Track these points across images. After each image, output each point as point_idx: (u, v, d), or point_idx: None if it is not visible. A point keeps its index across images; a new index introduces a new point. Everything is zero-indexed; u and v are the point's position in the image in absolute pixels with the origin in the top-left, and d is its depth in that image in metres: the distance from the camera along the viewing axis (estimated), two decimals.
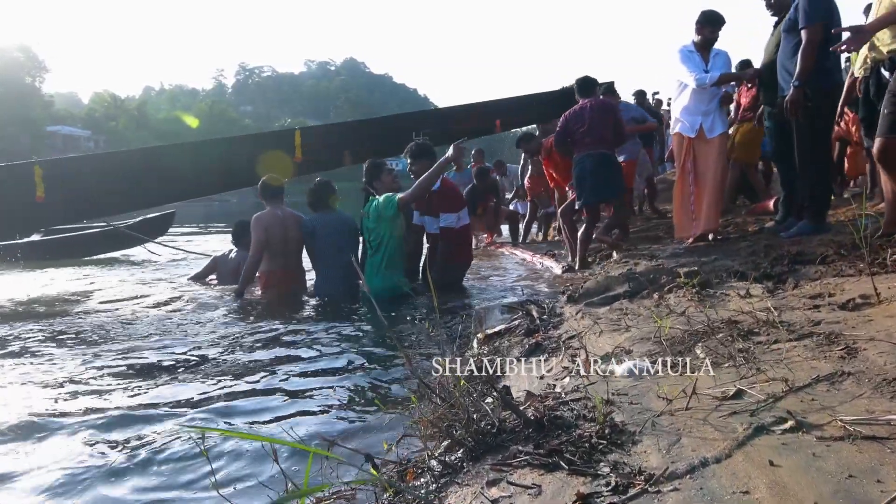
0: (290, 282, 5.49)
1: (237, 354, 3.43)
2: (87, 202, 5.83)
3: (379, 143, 6.70)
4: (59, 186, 5.73)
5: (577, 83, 5.82)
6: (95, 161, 6.22)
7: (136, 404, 2.62)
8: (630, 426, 1.64)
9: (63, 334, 4.06)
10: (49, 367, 3.24)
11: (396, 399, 2.65)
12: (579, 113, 5.61)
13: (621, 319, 2.78)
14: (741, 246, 4.69)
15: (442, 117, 7.34)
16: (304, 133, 6.09)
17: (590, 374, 2.19)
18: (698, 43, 5.08)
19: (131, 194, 5.86)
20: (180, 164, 6.02)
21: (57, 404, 2.65)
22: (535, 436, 1.79)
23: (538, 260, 6.92)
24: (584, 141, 5.51)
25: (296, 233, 5.47)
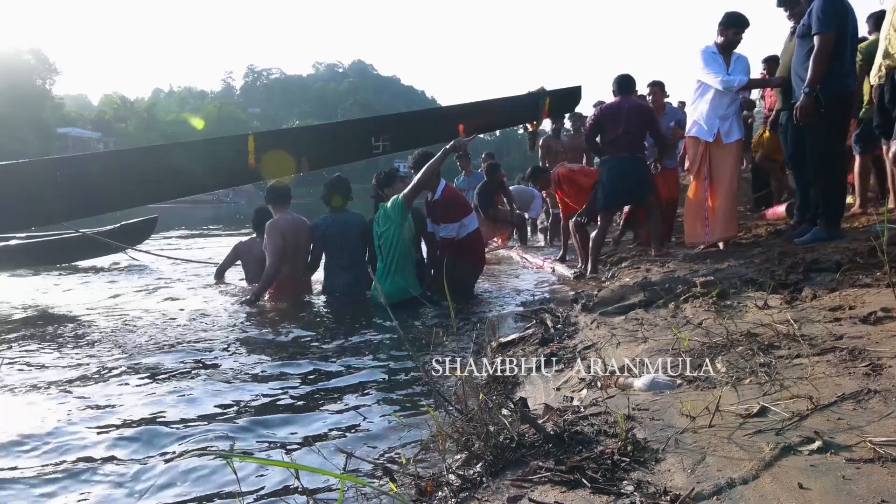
0: (298, 287, 5.51)
1: (251, 365, 3.42)
2: (29, 209, 5.62)
3: (337, 148, 6.62)
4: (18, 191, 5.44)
5: (616, 80, 5.69)
6: (39, 167, 6.02)
7: (152, 417, 2.60)
8: (653, 443, 1.62)
9: (71, 343, 4.04)
10: (64, 377, 3.22)
11: (414, 409, 2.64)
12: (616, 112, 5.49)
13: (637, 330, 2.76)
14: (754, 252, 4.66)
15: (402, 122, 7.21)
16: (258, 138, 6.01)
17: (608, 387, 2.17)
18: (720, 45, 5.01)
19: (76, 201, 5.70)
20: (127, 170, 5.73)
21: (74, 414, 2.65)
22: (556, 451, 1.78)
23: (549, 265, 6.89)
24: (619, 143, 5.41)
25: (305, 239, 5.50)
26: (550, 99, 7.23)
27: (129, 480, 2.04)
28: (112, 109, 75.28)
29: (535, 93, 7.23)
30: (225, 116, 74.27)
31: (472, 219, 5.54)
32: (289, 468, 1.83)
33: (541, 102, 7.08)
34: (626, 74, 5.70)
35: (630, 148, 5.41)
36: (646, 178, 5.59)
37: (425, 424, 2.38)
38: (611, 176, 5.48)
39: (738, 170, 5.18)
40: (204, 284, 6.55)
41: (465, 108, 8.17)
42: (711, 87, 4.98)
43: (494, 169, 8.79)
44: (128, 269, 8.35)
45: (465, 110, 7.95)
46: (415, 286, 4.99)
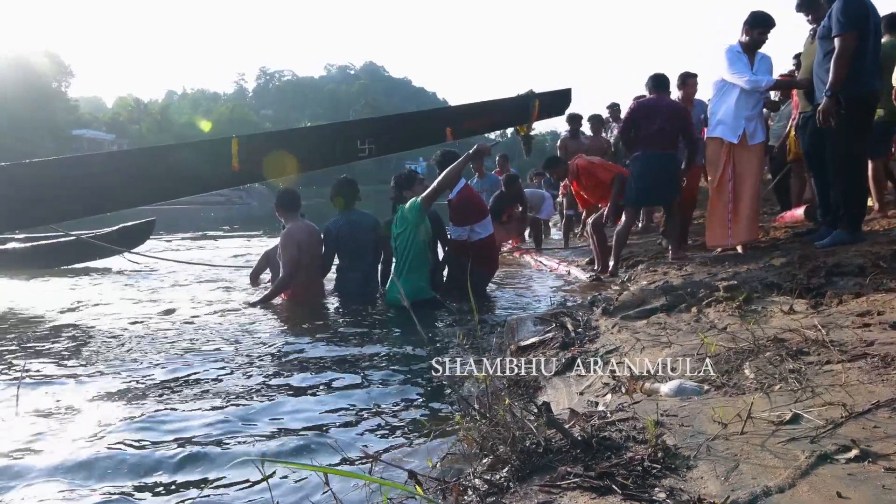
0: (310, 292, 5.50)
1: (269, 370, 3.41)
2: (12, 212, 5.49)
3: (322, 152, 6.59)
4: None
5: (651, 79, 5.65)
6: (21, 170, 5.96)
7: (179, 423, 2.60)
8: (683, 450, 1.61)
9: (91, 348, 4.04)
10: (89, 385, 3.22)
11: (432, 412, 2.64)
12: (652, 109, 5.45)
13: (660, 334, 2.74)
14: (773, 255, 4.62)
15: (387, 125, 7.17)
16: (242, 142, 5.98)
17: (633, 392, 2.16)
18: (745, 44, 4.95)
19: (54, 205, 5.68)
20: (108, 173, 5.69)
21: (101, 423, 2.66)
22: (584, 457, 1.77)
23: (564, 268, 6.87)
24: (653, 140, 5.37)
25: (318, 246, 5.50)
26: (540, 101, 7.19)
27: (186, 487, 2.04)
28: (126, 111, 75.85)
29: (523, 95, 7.18)
30: (237, 118, 74.61)
31: (484, 225, 5.52)
32: (314, 470, 1.82)
33: (530, 105, 7.05)
34: (661, 73, 5.67)
35: (664, 145, 5.37)
36: (676, 179, 5.55)
37: (452, 428, 2.38)
38: (643, 172, 5.43)
39: (762, 172, 5.14)
40: (215, 287, 6.55)
41: (453, 111, 8.08)
42: (736, 87, 4.91)
43: (513, 180, 8.74)
44: (139, 272, 8.26)
45: (452, 113, 7.86)
46: (427, 288, 4.99)
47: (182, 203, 40.73)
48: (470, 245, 5.36)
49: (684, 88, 6.36)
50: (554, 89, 7.76)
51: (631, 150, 5.66)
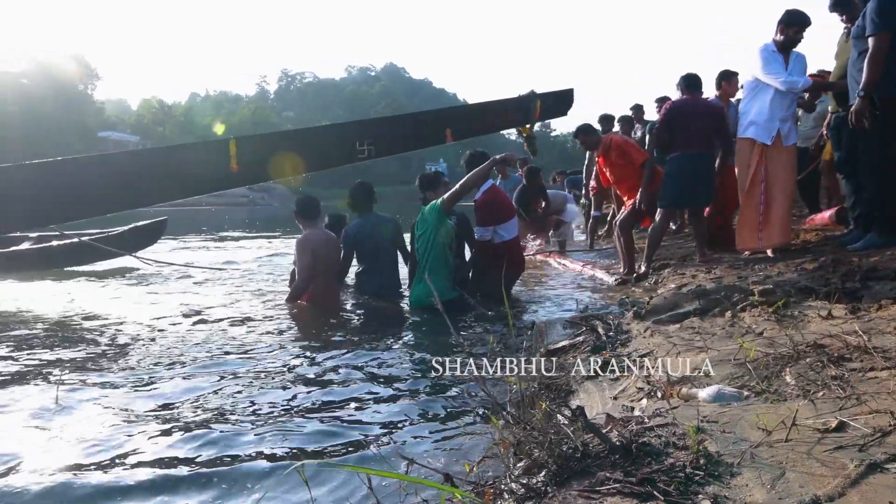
0: (327, 299, 5.48)
1: (296, 373, 3.42)
2: (9, 213, 5.49)
3: (320, 153, 6.49)
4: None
5: (683, 79, 5.60)
6: (20, 171, 5.96)
7: (216, 425, 2.62)
8: (726, 457, 1.59)
9: (121, 353, 4.05)
10: (118, 391, 3.23)
11: (469, 416, 2.64)
12: (688, 109, 5.40)
13: (694, 339, 2.72)
14: (805, 259, 4.56)
15: (386, 127, 7.12)
16: (240, 143, 5.97)
17: (670, 397, 2.15)
18: (780, 43, 4.88)
19: (52, 207, 5.68)
20: (110, 175, 5.68)
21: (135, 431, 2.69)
22: (623, 462, 1.76)
23: (589, 271, 6.83)
24: (690, 140, 5.30)
25: (335, 254, 5.50)
26: (542, 102, 7.12)
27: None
28: (150, 113, 76.91)
29: (525, 96, 7.12)
30: (260, 120, 75.24)
31: (508, 228, 5.48)
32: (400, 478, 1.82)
33: (532, 106, 6.98)
34: (692, 73, 5.61)
35: (701, 146, 5.31)
36: (713, 180, 5.48)
37: (483, 431, 2.38)
38: (680, 172, 5.36)
39: (795, 174, 5.06)
40: (234, 291, 6.58)
41: (453, 112, 8.02)
42: (770, 87, 4.85)
43: (534, 173, 8.74)
44: (156, 275, 8.26)
45: (452, 114, 7.78)
46: (447, 290, 4.98)
47: (205, 204, 41.23)
48: (494, 247, 5.35)
49: (724, 87, 6.24)
50: (556, 90, 7.71)
51: (667, 152, 5.58)
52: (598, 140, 6.31)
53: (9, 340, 4.38)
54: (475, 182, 5.17)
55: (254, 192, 55.08)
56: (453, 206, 5.21)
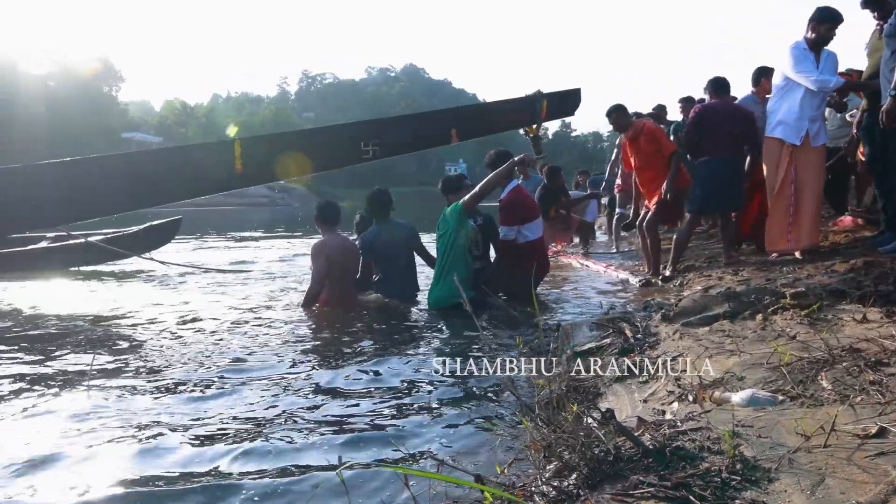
0: (344, 306, 5.44)
1: (323, 377, 3.40)
2: (19, 213, 5.58)
3: (325, 154, 6.47)
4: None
5: (711, 82, 5.56)
6: (29, 172, 5.99)
7: (247, 431, 2.62)
8: (763, 462, 1.58)
9: (140, 354, 4.07)
10: (153, 392, 3.25)
11: (497, 418, 2.63)
12: (717, 113, 5.34)
13: (724, 342, 2.69)
14: (835, 261, 4.50)
15: (391, 127, 7.07)
16: (245, 144, 5.95)
17: (702, 401, 2.13)
18: (811, 41, 4.80)
19: (62, 206, 5.62)
20: (113, 175, 5.74)
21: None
22: (657, 466, 1.75)
23: (612, 272, 6.79)
24: (720, 144, 5.25)
25: (352, 260, 5.48)
26: (548, 101, 7.04)
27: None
28: (173, 115, 77.84)
29: (531, 96, 7.05)
30: (281, 121, 75.70)
31: (532, 228, 5.46)
32: (435, 478, 1.83)
33: (538, 106, 6.91)
34: (720, 77, 5.57)
35: (731, 150, 5.25)
36: (741, 185, 5.41)
37: (513, 433, 2.38)
38: (709, 177, 5.30)
39: (824, 175, 4.99)
40: (251, 292, 6.55)
41: (458, 112, 7.95)
42: (800, 86, 4.78)
43: (555, 173, 8.71)
44: (174, 276, 8.24)
45: (457, 114, 7.73)
46: (466, 291, 4.96)
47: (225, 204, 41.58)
48: (518, 246, 5.33)
49: (763, 84, 6.04)
50: (562, 90, 7.63)
51: (696, 156, 5.52)
52: (630, 123, 6.12)
53: (35, 341, 4.43)
54: (496, 183, 5.17)
55: (274, 193, 55.47)
56: (474, 207, 5.21)
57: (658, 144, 5.76)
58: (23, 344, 4.33)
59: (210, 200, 42.83)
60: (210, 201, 43.03)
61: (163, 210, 8.96)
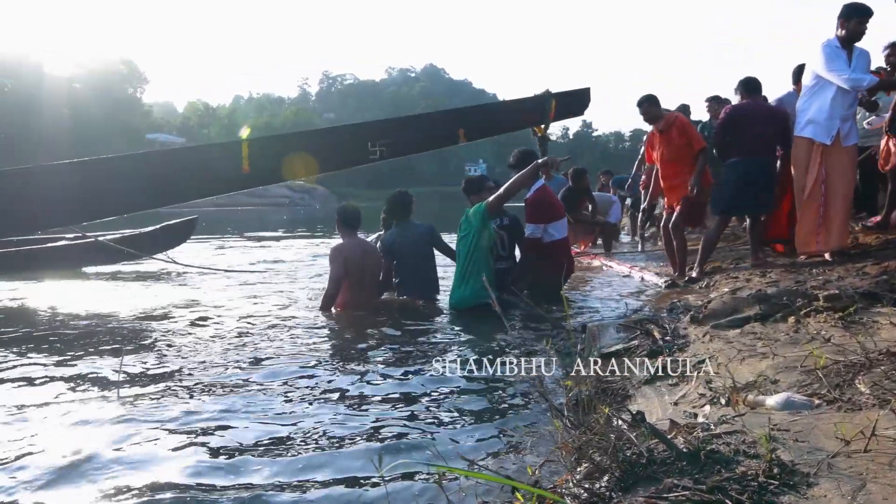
0: (366, 308, 5.39)
1: (351, 379, 3.39)
2: (30, 214, 5.57)
3: (332, 155, 6.42)
4: (5, 197, 5.50)
5: (743, 83, 5.44)
6: (41, 172, 6.04)
7: (279, 432, 2.62)
8: (801, 466, 1.56)
9: (167, 355, 4.09)
10: (183, 393, 3.27)
11: (524, 420, 2.63)
12: (749, 113, 5.25)
13: (756, 344, 2.66)
14: (866, 263, 4.43)
15: (400, 127, 7.03)
16: (252, 145, 5.93)
17: (736, 404, 2.11)
18: (842, 38, 4.70)
19: (72, 206, 5.60)
20: (122, 176, 5.73)
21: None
22: (691, 470, 1.73)
23: (637, 273, 6.74)
24: (751, 145, 5.17)
25: (372, 263, 5.46)
26: (557, 101, 6.96)
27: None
28: (196, 116, 78.78)
29: (540, 95, 6.97)
30: (302, 122, 76.21)
31: (559, 227, 5.45)
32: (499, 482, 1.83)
33: (546, 105, 6.84)
34: (752, 77, 5.45)
35: (762, 151, 5.17)
36: (772, 187, 5.32)
37: (543, 434, 2.38)
38: (739, 178, 5.21)
39: (855, 175, 4.91)
40: (272, 292, 6.58)
41: (466, 113, 7.89)
42: (831, 85, 4.69)
43: (581, 175, 8.65)
44: (195, 275, 8.31)
45: (465, 114, 7.66)
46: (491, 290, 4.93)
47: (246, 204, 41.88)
48: (544, 246, 5.31)
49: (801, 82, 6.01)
50: (571, 89, 7.55)
51: (725, 157, 5.42)
52: (661, 115, 5.93)
53: (59, 342, 4.47)
54: (520, 185, 5.15)
55: (294, 193, 55.83)
56: (498, 208, 5.20)
57: (688, 138, 5.65)
58: (46, 345, 4.36)
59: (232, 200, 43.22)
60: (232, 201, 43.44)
61: (177, 210, 9.02)
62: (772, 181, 5.29)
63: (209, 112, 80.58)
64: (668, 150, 5.76)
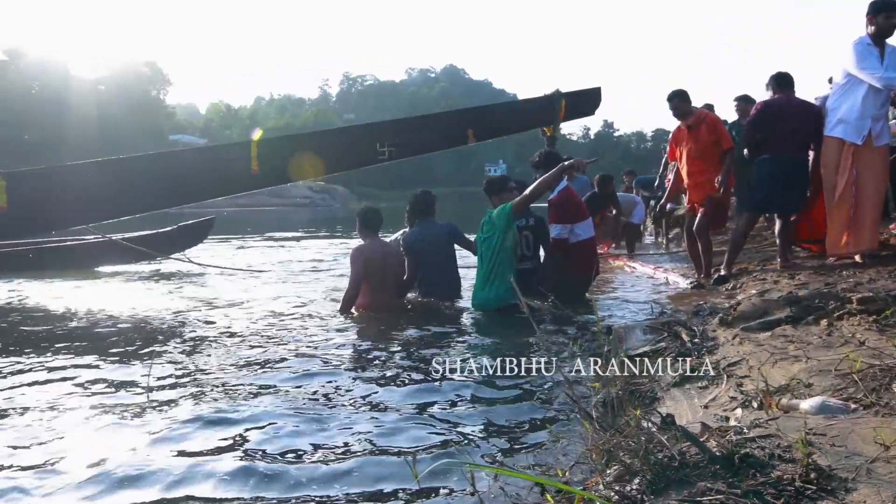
0: (387, 309, 5.39)
1: (377, 379, 3.39)
2: (48, 214, 5.65)
3: (341, 155, 6.43)
4: (22, 198, 5.62)
5: (775, 77, 5.32)
6: (59, 173, 6.00)
7: (313, 433, 2.63)
8: (839, 471, 1.54)
9: (197, 354, 4.13)
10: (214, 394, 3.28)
11: (553, 421, 2.62)
12: (781, 109, 5.13)
13: (787, 347, 2.63)
14: None
15: (408, 128, 6.99)
16: (261, 145, 5.90)
17: (769, 408, 2.08)
18: (873, 34, 4.60)
19: (89, 207, 5.72)
20: (136, 176, 5.79)
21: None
22: (724, 474, 1.72)
23: (661, 274, 6.69)
24: (783, 142, 5.05)
25: (395, 264, 5.44)
26: (567, 101, 6.88)
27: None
28: (218, 117, 79.75)
29: (549, 95, 6.89)
30: (322, 122, 76.66)
31: (585, 227, 5.42)
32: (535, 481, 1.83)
33: (556, 105, 6.77)
34: (784, 72, 5.30)
35: (795, 148, 5.06)
36: (804, 186, 5.21)
37: (571, 435, 2.37)
38: (769, 176, 5.11)
39: (887, 176, 4.81)
40: (288, 296, 6.54)
41: (474, 113, 7.85)
42: (862, 84, 4.61)
43: (607, 181, 8.58)
44: (213, 274, 8.35)
45: (473, 115, 7.62)
46: (513, 294, 4.92)
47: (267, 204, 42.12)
48: (570, 246, 5.28)
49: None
50: (582, 89, 7.47)
51: (756, 154, 5.31)
52: (691, 111, 5.81)
53: (82, 341, 4.50)
54: (546, 187, 5.12)
55: (315, 194, 56.20)
56: (524, 210, 5.18)
57: (717, 136, 5.56)
58: (70, 344, 4.37)
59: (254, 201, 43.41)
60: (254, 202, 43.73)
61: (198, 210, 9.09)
62: (803, 180, 5.18)
63: (231, 113, 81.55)
64: (695, 147, 5.67)
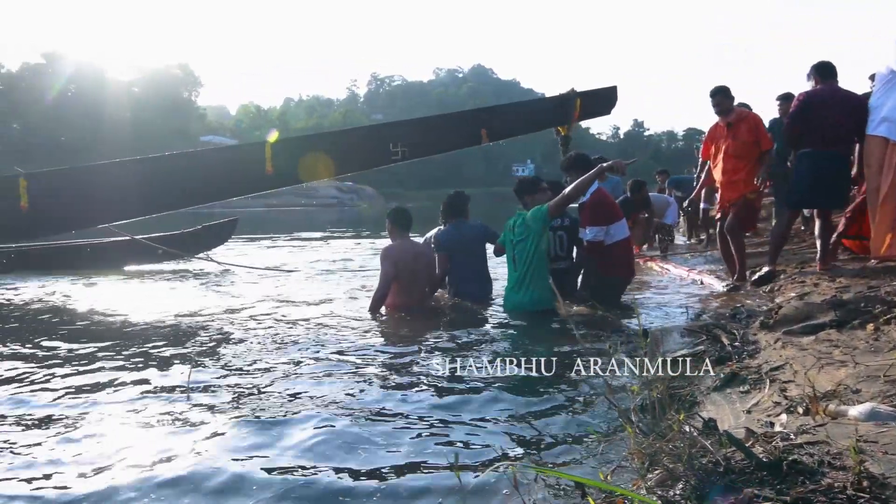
0: (418, 310, 5.36)
1: (414, 383, 3.37)
2: (69, 214, 5.75)
3: (354, 156, 6.43)
4: (43, 198, 5.74)
5: (816, 67, 5.12)
6: (78, 174, 6.17)
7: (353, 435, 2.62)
8: (893, 480, 1.51)
9: (234, 352, 4.16)
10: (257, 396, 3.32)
11: (591, 425, 2.61)
12: (825, 100, 4.92)
13: (832, 352, 2.58)
14: None
15: (421, 128, 6.93)
16: (275, 146, 5.92)
17: (816, 413, 2.05)
18: None
19: (108, 207, 5.81)
20: (153, 177, 5.85)
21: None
22: (772, 480, 1.69)
23: (695, 276, 6.60)
24: (826, 135, 4.86)
25: (425, 265, 5.41)
26: (582, 100, 6.79)
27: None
28: (248, 118, 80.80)
29: (565, 95, 6.80)
30: (350, 123, 77.20)
31: (619, 228, 5.35)
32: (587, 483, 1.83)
33: (571, 104, 6.70)
34: (826, 61, 5.09)
35: (839, 144, 4.89)
36: (846, 183, 5.06)
37: (612, 438, 2.36)
38: (809, 171, 4.96)
39: None
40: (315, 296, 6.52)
41: (488, 112, 7.76)
42: None
43: (640, 187, 8.47)
44: (238, 274, 8.36)
45: (487, 114, 7.53)
46: (550, 297, 4.88)
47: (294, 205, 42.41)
48: (606, 247, 5.23)
49: None
50: (597, 88, 7.37)
51: (796, 147, 5.15)
52: (732, 108, 5.66)
53: (115, 341, 4.51)
54: (582, 190, 5.06)
55: (343, 194, 56.63)
56: (560, 212, 5.15)
57: (757, 136, 5.44)
58: (101, 344, 4.40)
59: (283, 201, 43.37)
60: (282, 202, 43.89)
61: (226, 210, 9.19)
62: (844, 177, 5.02)
63: (261, 114, 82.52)
64: (733, 145, 5.54)
